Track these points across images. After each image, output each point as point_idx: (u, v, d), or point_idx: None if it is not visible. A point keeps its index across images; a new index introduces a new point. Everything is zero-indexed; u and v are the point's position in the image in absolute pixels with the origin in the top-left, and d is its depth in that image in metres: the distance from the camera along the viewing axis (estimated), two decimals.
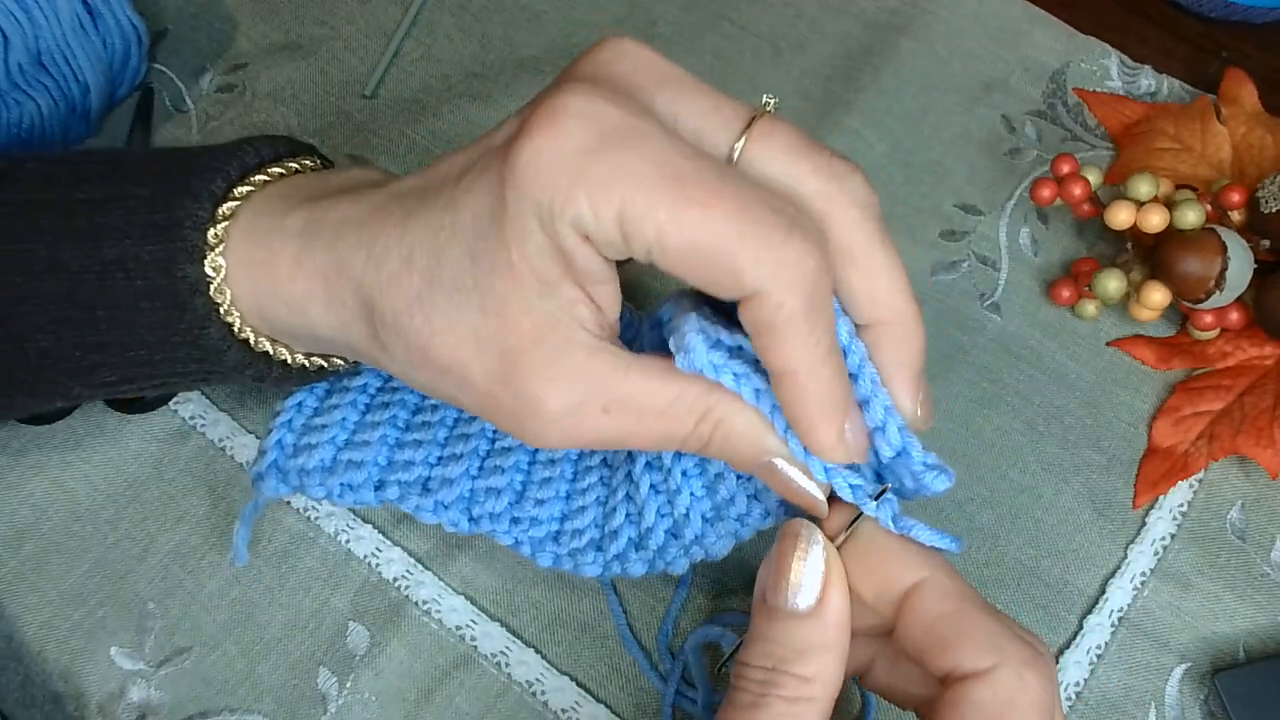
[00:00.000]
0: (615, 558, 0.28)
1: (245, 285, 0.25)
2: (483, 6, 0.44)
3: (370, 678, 0.31)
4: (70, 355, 0.27)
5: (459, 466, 0.29)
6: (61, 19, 0.37)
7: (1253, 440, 0.33)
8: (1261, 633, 0.32)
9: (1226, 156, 0.38)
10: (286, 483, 0.29)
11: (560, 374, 0.22)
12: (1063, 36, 0.42)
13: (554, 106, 0.21)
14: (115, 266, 0.25)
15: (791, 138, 0.22)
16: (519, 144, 0.21)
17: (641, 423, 0.23)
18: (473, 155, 0.23)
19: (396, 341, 0.24)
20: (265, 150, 0.27)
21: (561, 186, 0.20)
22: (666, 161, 0.20)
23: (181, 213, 0.25)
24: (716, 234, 0.20)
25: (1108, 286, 0.35)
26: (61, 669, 0.32)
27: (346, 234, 0.24)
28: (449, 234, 0.22)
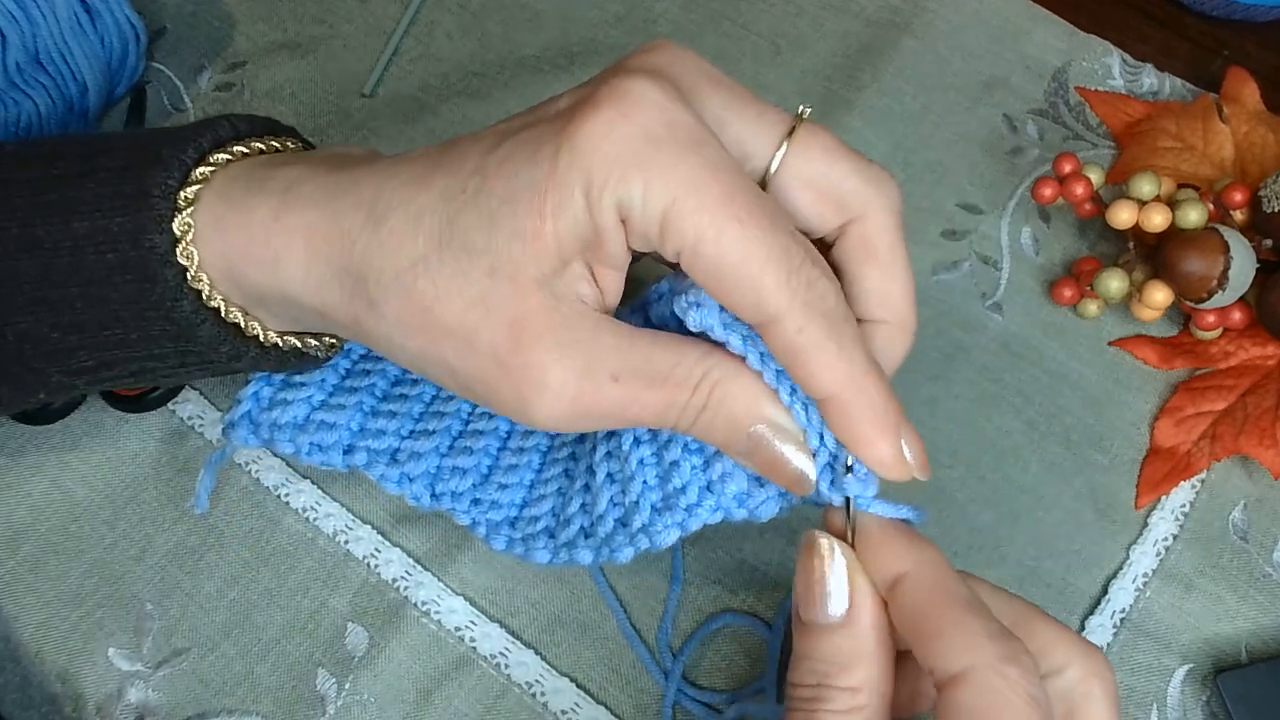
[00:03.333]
0: (564, 545, 0.28)
1: (215, 245, 0.25)
2: (482, 5, 0.44)
3: (369, 679, 0.31)
4: (48, 338, 0.26)
5: (429, 442, 0.29)
6: (59, 18, 0.37)
7: (1255, 440, 0.33)
8: (1264, 633, 0.32)
9: (1229, 155, 0.38)
10: (257, 435, 0.29)
11: (567, 343, 0.22)
12: (1064, 35, 0.42)
13: (626, 88, 0.21)
14: (86, 241, 0.25)
15: (831, 142, 0.23)
16: (585, 115, 0.21)
17: (647, 390, 0.23)
18: (508, 128, 0.23)
19: (392, 301, 0.23)
20: (242, 125, 0.26)
21: (621, 165, 0.21)
22: (721, 172, 0.21)
23: (149, 182, 0.24)
24: (748, 252, 0.21)
25: (1110, 286, 0.35)
26: (59, 670, 0.32)
27: (343, 193, 0.23)
28: (469, 198, 0.22)
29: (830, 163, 0.23)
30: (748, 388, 0.23)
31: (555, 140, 0.21)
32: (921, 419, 0.35)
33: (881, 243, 0.23)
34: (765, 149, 0.23)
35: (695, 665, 0.32)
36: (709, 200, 0.21)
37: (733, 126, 0.23)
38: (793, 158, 0.23)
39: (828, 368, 0.21)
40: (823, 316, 0.21)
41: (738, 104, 0.23)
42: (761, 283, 0.21)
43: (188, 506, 0.33)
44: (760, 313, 0.21)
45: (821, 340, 0.21)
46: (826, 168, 0.23)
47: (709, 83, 0.23)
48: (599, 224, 0.21)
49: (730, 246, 0.21)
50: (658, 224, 0.21)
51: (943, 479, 0.34)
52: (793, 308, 0.21)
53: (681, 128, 0.21)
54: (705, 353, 0.23)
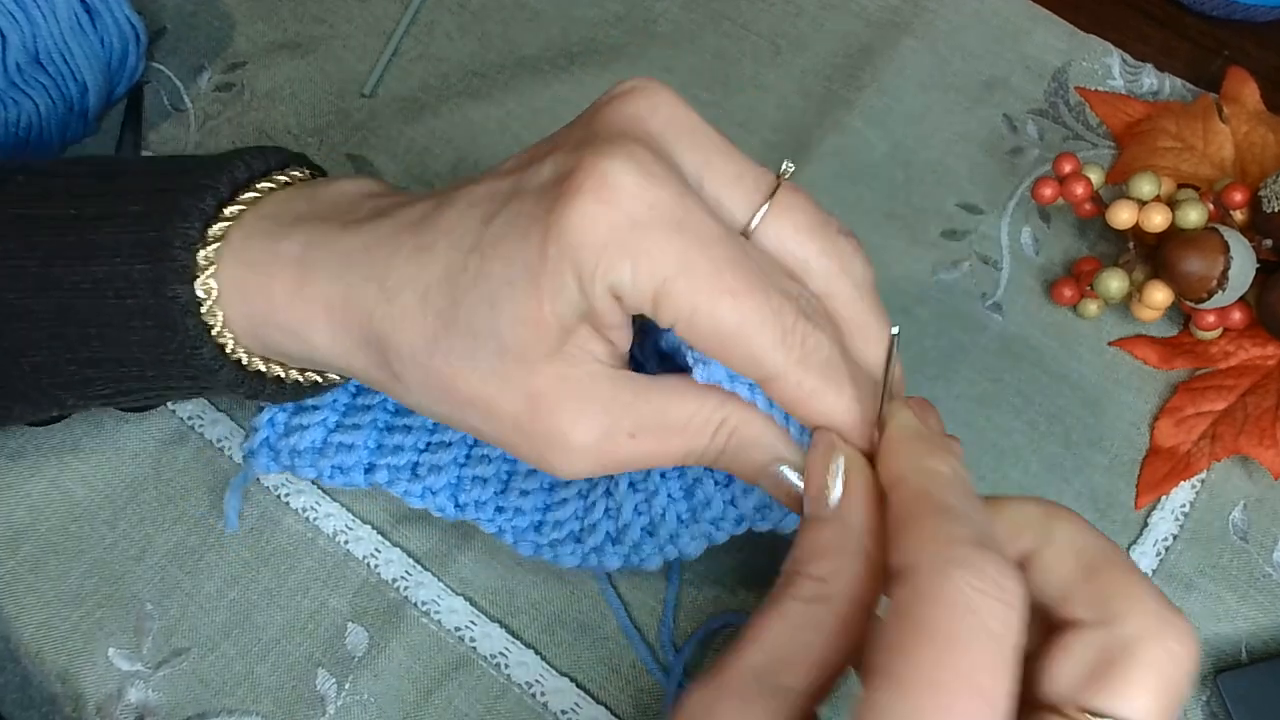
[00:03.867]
0: (593, 550, 0.28)
1: (239, 309, 0.25)
2: (482, 5, 0.44)
3: (369, 679, 0.31)
4: (64, 370, 0.27)
5: (447, 454, 0.29)
6: (60, 18, 0.37)
7: (1255, 440, 0.33)
8: (1264, 633, 0.32)
9: (1229, 155, 0.38)
10: (278, 461, 0.29)
11: (586, 408, 0.23)
12: (1064, 35, 0.42)
13: (604, 171, 0.21)
14: (106, 285, 0.25)
15: (805, 216, 0.23)
16: (568, 204, 0.21)
17: (665, 442, 0.24)
18: (498, 192, 0.23)
19: (414, 375, 0.24)
20: (256, 163, 0.27)
21: (608, 253, 0.21)
22: (709, 246, 0.21)
23: (171, 232, 0.25)
24: (742, 321, 0.21)
25: (1110, 286, 0.35)
26: (59, 670, 0.32)
27: (355, 265, 0.24)
28: (470, 279, 0.22)
29: (801, 241, 0.23)
30: (762, 433, 0.24)
31: (543, 225, 0.21)
32: None
33: (852, 316, 0.24)
34: (741, 213, 0.23)
35: (696, 664, 0.32)
36: (698, 278, 0.21)
37: (709, 187, 0.23)
38: (766, 228, 0.23)
39: (829, 410, 0.22)
40: (818, 369, 0.22)
41: (716, 162, 0.23)
42: (759, 347, 0.22)
43: (214, 520, 0.33)
44: (760, 373, 0.22)
45: (820, 389, 0.22)
46: (796, 246, 0.23)
47: (687, 138, 0.23)
48: (594, 305, 0.22)
49: (724, 319, 0.21)
50: (650, 301, 0.22)
51: None
52: (789, 365, 0.22)
53: (663, 207, 0.21)
54: (719, 402, 0.24)
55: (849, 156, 0.40)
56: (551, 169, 0.22)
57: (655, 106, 0.23)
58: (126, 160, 0.28)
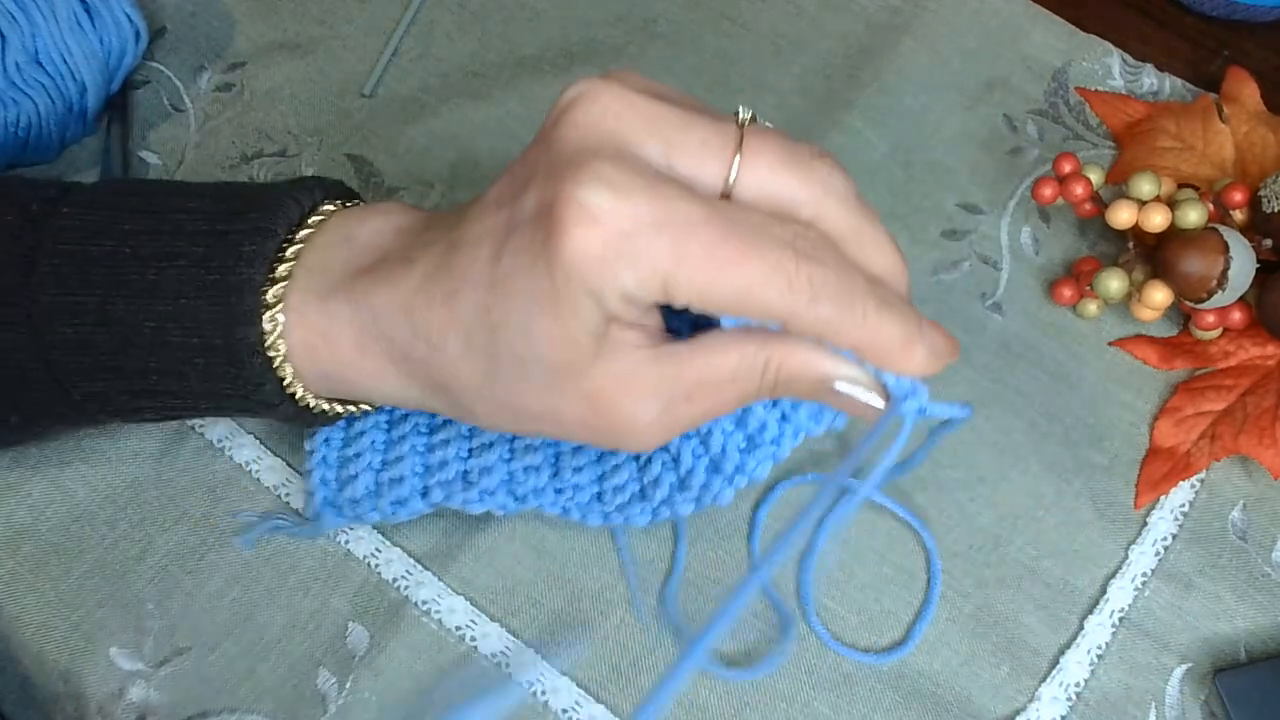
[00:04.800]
0: (662, 503, 0.29)
1: (310, 369, 0.27)
2: (481, 5, 0.44)
3: (370, 678, 0.31)
4: (116, 399, 0.28)
5: (492, 454, 0.30)
6: (59, 18, 0.37)
7: (1255, 440, 0.33)
8: (1263, 633, 0.32)
9: (1229, 155, 0.38)
10: (343, 515, 0.31)
11: (640, 392, 0.24)
12: (1064, 35, 0.42)
13: (580, 200, 0.22)
14: (171, 322, 0.26)
15: (776, 154, 0.24)
16: (560, 237, 0.22)
17: (720, 395, 0.25)
18: (496, 227, 0.24)
19: (483, 408, 0.26)
20: (305, 199, 0.28)
21: (609, 269, 0.22)
22: (696, 231, 0.22)
23: (236, 279, 0.26)
24: (747, 281, 0.23)
25: (1109, 286, 0.35)
26: (61, 669, 0.32)
27: (399, 324, 0.26)
28: (500, 316, 0.24)
29: (779, 180, 0.24)
30: (805, 359, 0.25)
31: (545, 259, 0.23)
32: None
33: (844, 229, 0.24)
34: (717, 176, 0.24)
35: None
36: (696, 263, 0.22)
37: (678, 164, 0.23)
38: (744, 181, 0.24)
39: (849, 331, 0.24)
40: (830, 300, 0.23)
41: (677, 139, 0.23)
42: (770, 300, 0.23)
43: (235, 543, 0.33)
44: (775, 319, 0.23)
45: (837, 316, 0.23)
46: (776, 186, 0.24)
47: (643, 128, 0.23)
48: (612, 311, 0.23)
49: (731, 288, 0.23)
50: (660, 294, 0.23)
51: (942, 479, 0.34)
52: (801, 305, 0.23)
53: (643, 212, 0.22)
54: (758, 344, 0.25)
55: (849, 156, 0.40)
56: (534, 202, 0.23)
57: (604, 109, 0.23)
58: (171, 190, 0.28)
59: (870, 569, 0.33)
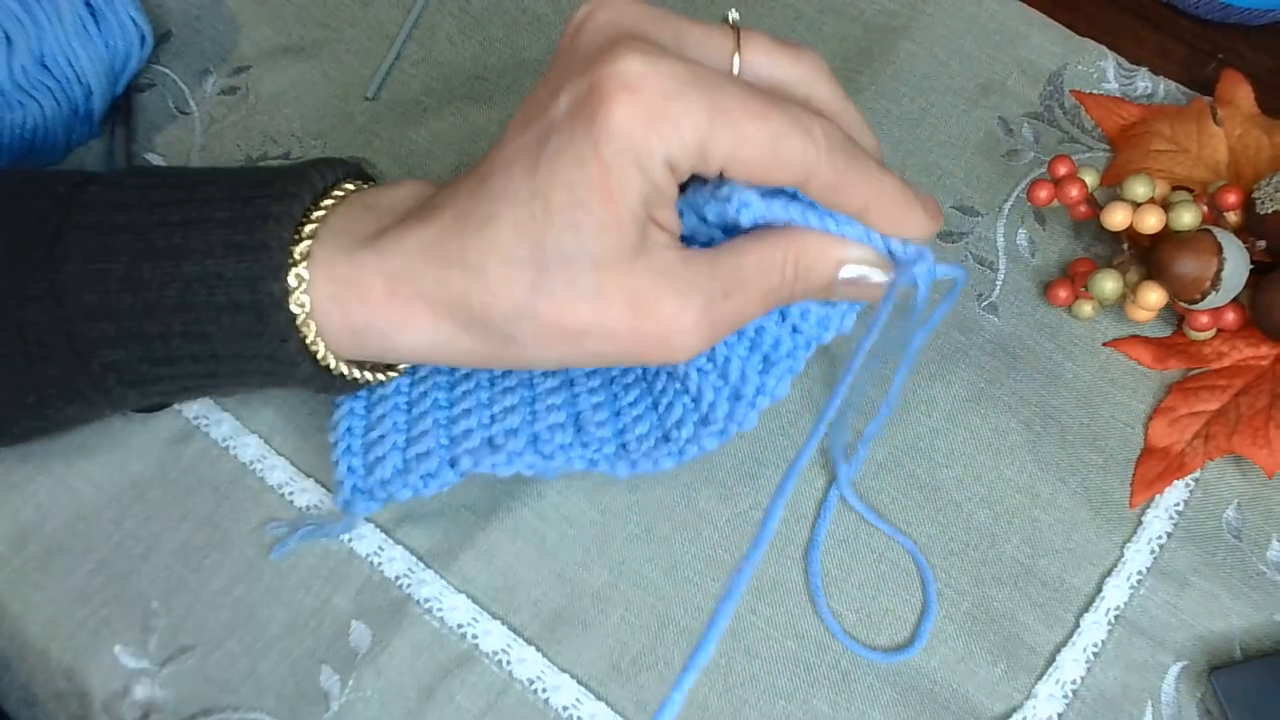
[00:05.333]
0: (689, 441, 0.30)
1: (338, 320, 0.27)
2: (484, 9, 0.44)
3: (372, 676, 0.32)
4: (136, 368, 0.28)
5: (515, 418, 0.31)
6: (64, 21, 0.38)
7: (1248, 440, 0.34)
8: (1258, 631, 0.32)
9: (1223, 158, 0.38)
10: (374, 498, 0.31)
11: (681, 288, 0.25)
12: (1060, 39, 0.43)
13: (620, 71, 0.24)
14: (198, 283, 0.26)
15: (768, 43, 0.27)
16: (607, 110, 0.23)
17: (750, 290, 0.26)
18: (529, 142, 0.25)
19: (526, 329, 0.26)
20: (328, 174, 0.29)
21: (652, 130, 0.24)
22: (725, 90, 0.24)
23: (264, 235, 0.26)
24: (775, 137, 0.24)
25: (1104, 287, 0.35)
26: (65, 668, 0.32)
27: (434, 258, 0.26)
28: (543, 220, 0.25)
29: (774, 63, 0.27)
30: (819, 244, 0.26)
31: (591, 138, 0.24)
32: (919, 419, 0.35)
33: (830, 104, 0.28)
34: (721, 62, 0.26)
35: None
36: (730, 118, 0.24)
37: (689, 51, 0.26)
38: (746, 65, 0.27)
39: (858, 186, 0.26)
40: (840, 151, 0.25)
41: (683, 30, 0.26)
42: (793, 152, 0.25)
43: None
44: (801, 174, 0.25)
45: (848, 168, 0.25)
46: (772, 67, 0.27)
47: (652, 24, 0.26)
48: (657, 182, 0.24)
49: (761, 141, 0.24)
50: (700, 156, 0.24)
51: (939, 478, 0.35)
52: (820, 157, 0.25)
53: (678, 75, 0.24)
54: (775, 239, 0.26)
55: None
56: (569, 97, 0.24)
57: (619, 12, 0.26)
58: (196, 172, 0.29)
59: (868, 567, 0.33)
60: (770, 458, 0.35)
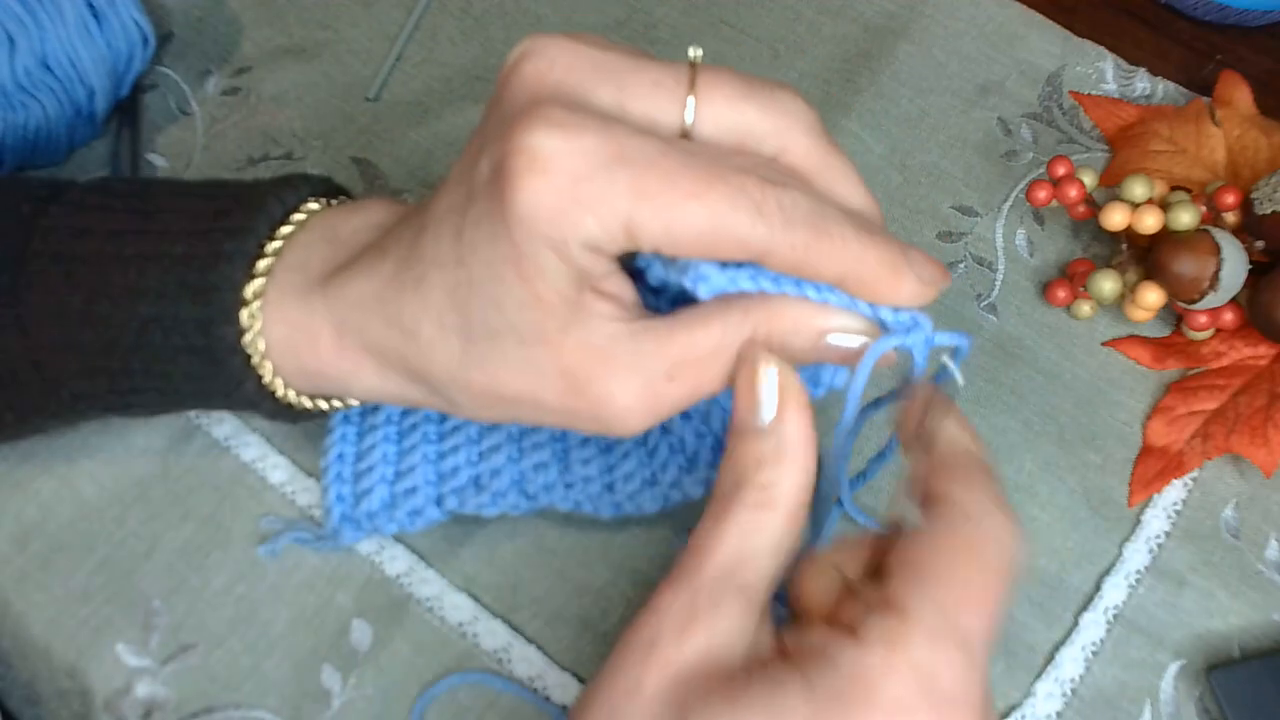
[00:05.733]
0: (672, 486, 0.30)
1: (291, 364, 0.27)
2: (485, 10, 0.44)
3: (373, 674, 0.32)
4: (105, 398, 0.28)
5: (500, 457, 0.31)
6: (67, 22, 0.38)
7: (1246, 439, 0.34)
8: (1256, 630, 0.32)
9: (1221, 158, 0.38)
10: (361, 528, 0.31)
11: (616, 369, 0.23)
12: (1058, 40, 0.43)
13: (527, 146, 0.21)
14: (153, 324, 0.26)
15: (732, 87, 0.23)
16: (511, 191, 0.21)
17: (705, 371, 0.24)
18: (456, 204, 0.24)
19: (460, 394, 0.25)
20: (289, 198, 0.28)
21: (567, 217, 0.21)
22: (653, 165, 0.21)
23: (216, 276, 0.26)
24: (712, 211, 0.21)
25: (1103, 287, 0.35)
26: (67, 666, 0.32)
27: (374, 315, 0.25)
28: (467, 290, 0.23)
29: (738, 112, 0.23)
30: (793, 314, 0.23)
31: (502, 221, 0.22)
32: None
33: (809, 162, 0.24)
34: (673, 114, 0.23)
35: None
36: (657, 200, 0.21)
37: (633, 107, 0.22)
38: (702, 118, 0.23)
39: (830, 258, 0.22)
40: (803, 224, 0.22)
41: (627, 82, 0.23)
42: (740, 230, 0.21)
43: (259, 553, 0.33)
44: (753, 252, 0.22)
45: (814, 242, 0.22)
46: (735, 118, 0.23)
47: (591, 74, 0.22)
48: (579, 266, 0.22)
49: (697, 222, 0.21)
50: (625, 239, 0.22)
51: None
52: (775, 234, 0.22)
53: (595, 151, 0.21)
54: (741, 311, 0.23)
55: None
56: (487, 164, 0.22)
57: (550, 61, 0.23)
58: (157, 189, 0.29)
59: None
60: None
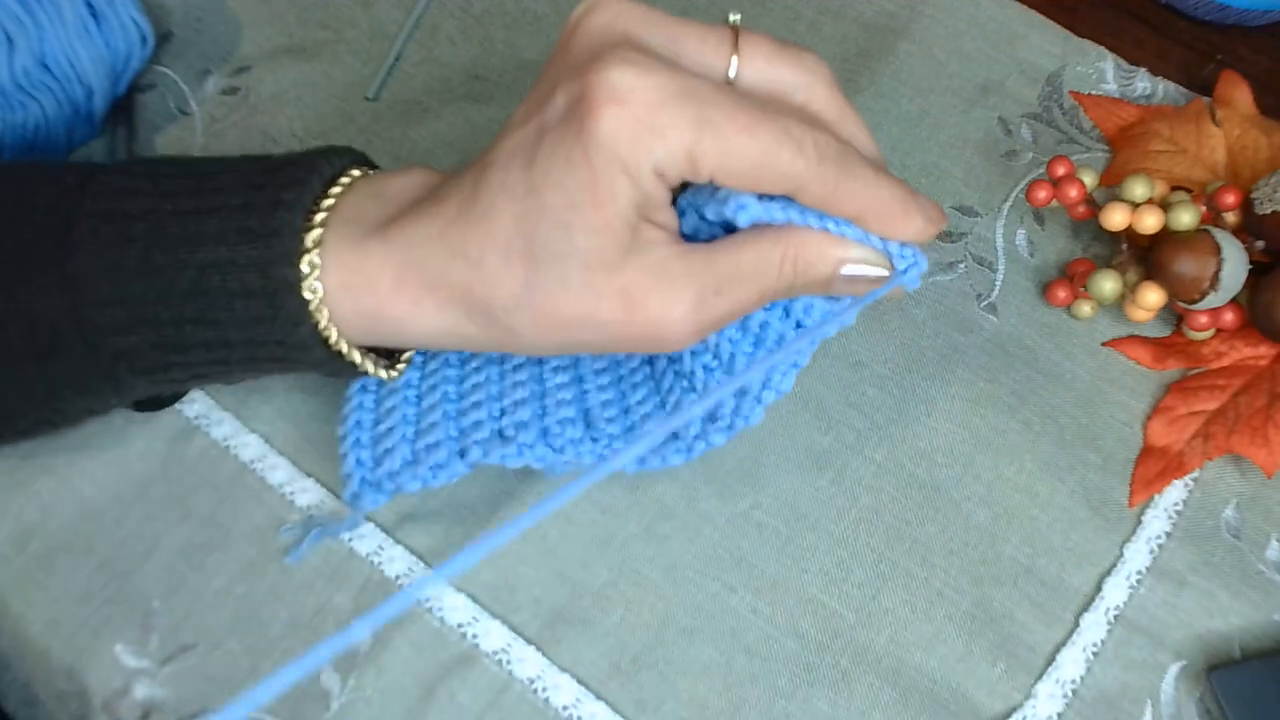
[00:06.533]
0: (696, 438, 0.30)
1: (350, 308, 0.27)
2: (484, 10, 0.44)
3: (373, 675, 0.32)
4: (148, 356, 0.28)
5: (526, 411, 0.31)
6: (66, 22, 0.38)
7: (1247, 439, 0.34)
8: (1257, 630, 0.32)
9: (1221, 158, 0.38)
10: (382, 491, 0.31)
11: (671, 285, 0.26)
12: (1059, 39, 0.43)
13: (609, 81, 0.24)
14: (211, 269, 0.27)
15: (769, 46, 0.27)
16: (595, 120, 0.24)
17: (744, 288, 0.27)
18: (526, 140, 0.26)
19: (522, 320, 0.27)
20: (336, 161, 0.29)
21: (641, 143, 0.24)
22: (713, 102, 0.25)
23: (276, 221, 0.27)
24: (763, 150, 0.25)
25: (1103, 287, 0.35)
26: (66, 667, 0.32)
27: (437, 250, 0.27)
28: (537, 216, 0.25)
29: (774, 67, 0.27)
30: (816, 244, 0.27)
31: (581, 145, 0.24)
32: (918, 418, 0.35)
33: (829, 111, 0.28)
34: (719, 65, 0.27)
35: None
36: (718, 131, 0.24)
37: (686, 54, 0.26)
38: (744, 69, 0.27)
39: (854, 195, 0.26)
40: (834, 162, 0.26)
41: (679, 34, 0.26)
42: (783, 165, 0.25)
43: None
44: (791, 185, 0.26)
45: (842, 178, 0.26)
46: (772, 72, 0.27)
47: (648, 27, 0.26)
48: (646, 191, 0.25)
49: (749, 154, 0.25)
50: (688, 166, 0.25)
51: (939, 478, 0.35)
52: (811, 169, 0.25)
53: (666, 87, 0.24)
54: (774, 237, 0.27)
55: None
56: (564, 100, 0.25)
57: (615, 14, 0.26)
58: (205, 160, 0.30)
59: (868, 567, 0.33)
60: (770, 457, 0.35)
